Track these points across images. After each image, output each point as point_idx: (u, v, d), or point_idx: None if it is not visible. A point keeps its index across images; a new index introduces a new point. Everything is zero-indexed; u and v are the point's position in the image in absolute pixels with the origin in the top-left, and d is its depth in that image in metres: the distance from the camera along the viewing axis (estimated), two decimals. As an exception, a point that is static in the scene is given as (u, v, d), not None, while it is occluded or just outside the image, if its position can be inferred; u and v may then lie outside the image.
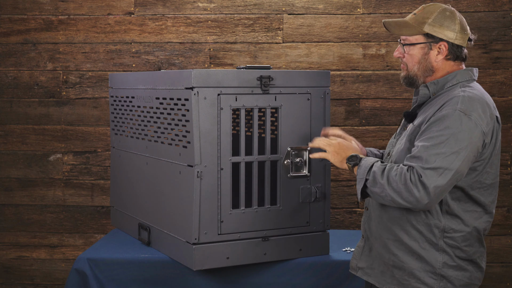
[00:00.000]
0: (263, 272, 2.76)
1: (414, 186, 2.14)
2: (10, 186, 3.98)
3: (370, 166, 2.25)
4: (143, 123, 3.00)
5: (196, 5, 3.84)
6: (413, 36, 2.34)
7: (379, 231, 2.36)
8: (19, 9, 3.92)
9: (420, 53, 2.34)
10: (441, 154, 2.14)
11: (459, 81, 2.31)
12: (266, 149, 2.72)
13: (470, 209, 2.27)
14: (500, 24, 3.73)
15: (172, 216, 2.75)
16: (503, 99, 3.76)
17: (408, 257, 2.28)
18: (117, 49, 3.89)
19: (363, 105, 3.82)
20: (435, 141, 2.16)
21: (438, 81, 2.32)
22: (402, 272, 2.30)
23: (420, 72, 2.35)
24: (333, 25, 3.81)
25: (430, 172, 2.13)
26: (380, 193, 2.21)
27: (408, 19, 2.36)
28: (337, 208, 3.85)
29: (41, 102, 3.94)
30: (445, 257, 2.26)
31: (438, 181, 2.13)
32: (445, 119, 2.18)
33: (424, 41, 2.33)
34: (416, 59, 2.35)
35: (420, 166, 2.15)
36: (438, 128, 2.18)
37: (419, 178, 2.14)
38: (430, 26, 2.31)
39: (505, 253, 3.81)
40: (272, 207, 2.73)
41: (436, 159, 2.14)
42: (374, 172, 2.23)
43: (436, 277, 2.26)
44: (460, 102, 2.20)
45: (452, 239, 2.25)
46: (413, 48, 2.34)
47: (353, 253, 2.50)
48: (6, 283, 4.01)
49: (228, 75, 2.61)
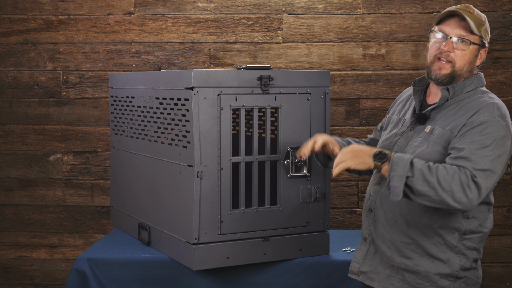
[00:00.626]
0: (263, 272, 2.76)
1: (467, 187, 2.10)
2: (10, 186, 3.98)
3: (409, 162, 2.14)
4: (143, 123, 3.00)
5: (196, 5, 3.84)
6: (473, 36, 2.29)
7: (391, 234, 2.32)
8: (19, 9, 3.92)
9: (473, 54, 2.31)
10: (488, 156, 2.14)
11: (477, 86, 2.32)
12: (266, 149, 2.72)
13: (482, 210, 2.29)
14: (500, 24, 3.73)
15: (172, 216, 2.75)
16: (503, 99, 3.74)
17: (425, 260, 2.27)
18: (117, 49, 3.89)
19: (363, 105, 3.82)
20: (479, 144, 2.15)
21: (457, 85, 2.31)
22: (415, 276, 2.28)
23: (467, 73, 2.32)
24: (333, 25, 3.81)
25: (481, 173, 2.12)
26: (427, 192, 2.11)
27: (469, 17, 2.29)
28: (337, 208, 3.85)
29: (41, 102, 3.94)
30: (463, 259, 2.27)
31: (488, 183, 2.13)
32: (487, 124, 2.18)
33: (479, 43, 2.30)
34: (468, 59, 2.30)
35: (472, 167, 2.12)
36: (481, 132, 2.17)
37: (473, 179, 2.11)
38: (485, 32, 2.31)
39: (505, 253, 3.81)
40: (272, 207, 2.73)
41: (484, 161, 2.13)
42: (420, 170, 2.11)
43: (452, 279, 2.26)
44: (496, 109, 2.22)
45: (471, 240, 2.27)
46: (470, 47, 2.29)
47: (354, 257, 2.45)
48: (6, 283, 4.01)
49: (228, 75, 2.61)
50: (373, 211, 2.39)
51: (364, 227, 2.44)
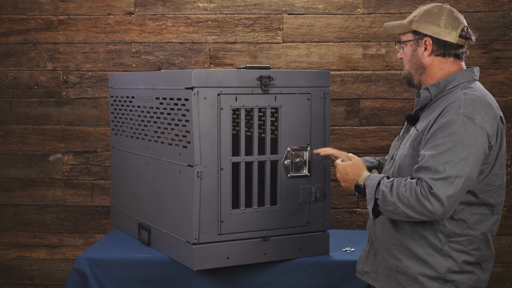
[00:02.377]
0: (263, 272, 2.76)
1: (426, 199, 2.10)
2: (10, 186, 3.98)
3: (377, 184, 2.22)
4: (143, 123, 3.00)
5: (196, 5, 3.84)
6: (404, 35, 2.36)
7: (383, 236, 2.34)
8: (19, 9, 3.92)
9: (410, 51, 2.35)
10: (450, 162, 2.10)
11: (460, 82, 2.28)
12: (266, 149, 2.72)
13: (477, 211, 2.24)
14: (500, 24, 3.73)
15: (172, 216, 2.75)
16: (503, 99, 3.76)
17: (412, 262, 2.26)
18: (117, 49, 3.89)
19: (363, 105, 3.82)
20: (441, 148, 2.12)
21: (439, 83, 2.29)
22: (406, 277, 2.28)
23: (413, 70, 2.35)
24: (333, 25, 3.81)
25: (440, 183, 2.09)
26: (394, 211, 2.17)
27: (405, 20, 2.38)
28: (337, 208, 3.85)
29: (41, 102, 3.94)
30: (450, 262, 2.23)
31: (450, 190, 2.09)
32: (449, 125, 2.14)
33: (412, 38, 2.33)
34: (408, 57, 2.36)
35: (430, 177, 2.10)
36: (443, 135, 2.13)
37: (430, 191, 2.10)
38: (417, 23, 2.31)
39: (505, 253, 3.81)
40: (272, 207, 2.73)
41: (445, 167, 2.10)
42: (382, 192, 2.19)
43: (441, 282, 2.24)
44: (463, 106, 2.16)
45: (458, 243, 2.23)
46: (405, 46, 2.36)
47: (359, 257, 2.49)
48: (6, 283, 4.01)
49: (228, 75, 2.61)
50: None
51: (367, 228, 2.48)
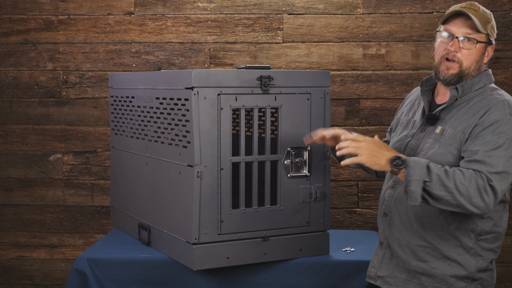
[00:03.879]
0: (263, 272, 2.76)
1: (484, 191, 2.09)
2: (10, 186, 3.98)
3: (426, 167, 2.13)
4: (143, 123, 3.00)
5: (196, 5, 3.84)
6: (480, 34, 2.28)
7: (406, 238, 2.32)
8: (19, 9, 3.92)
9: (480, 52, 2.29)
10: (502, 158, 2.12)
11: (486, 83, 2.31)
12: (266, 149, 2.72)
13: (497, 209, 2.27)
14: (500, 24, 3.73)
15: (172, 216, 2.75)
16: (503, 99, 3.76)
17: (441, 263, 2.26)
18: (117, 49, 3.89)
19: (363, 105, 3.82)
20: (492, 145, 2.14)
21: (466, 83, 2.29)
22: (432, 279, 2.27)
23: (475, 71, 2.30)
24: (333, 25, 3.81)
25: (496, 177, 2.11)
26: (445, 197, 2.10)
27: (474, 15, 2.27)
28: (337, 208, 3.85)
29: (41, 102, 3.94)
30: (480, 261, 2.26)
31: (503, 185, 2.12)
32: (499, 124, 2.16)
33: (486, 41, 2.29)
34: (475, 58, 2.28)
35: (487, 170, 2.11)
36: (493, 133, 2.15)
37: (489, 183, 2.10)
38: (491, 29, 2.29)
39: (505, 253, 3.81)
40: (272, 207, 2.73)
41: (498, 163, 2.11)
42: (437, 175, 2.11)
43: (468, 281, 2.25)
44: (507, 106, 2.20)
45: (486, 241, 2.25)
46: (476, 46, 2.27)
47: (371, 262, 2.46)
48: (6, 283, 4.01)
49: (228, 75, 2.61)
50: (388, 215, 2.39)
51: (380, 231, 2.44)
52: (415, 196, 2.12)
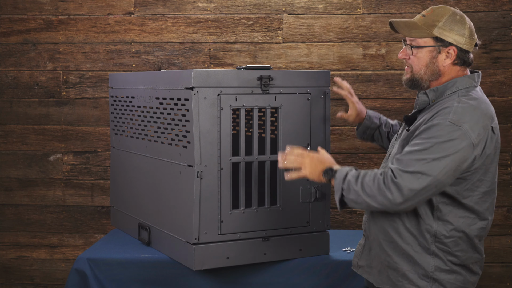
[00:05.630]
0: (263, 272, 2.76)
1: (387, 188, 2.15)
2: (10, 186, 3.98)
3: (344, 176, 2.25)
4: (143, 123, 3.00)
5: (196, 5, 3.85)
6: (422, 39, 2.28)
7: (376, 232, 2.36)
8: (19, 9, 3.92)
9: (428, 56, 2.28)
10: (422, 160, 2.12)
11: (458, 88, 2.27)
12: (266, 149, 2.72)
13: (463, 215, 2.24)
14: (500, 24, 3.73)
15: (172, 216, 2.76)
16: (503, 99, 3.76)
17: (401, 259, 2.28)
18: (117, 49, 3.89)
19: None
20: (419, 147, 2.14)
21: (438, 88, 2.29)
22: (396, 273, 2.30)
23: (427, 75, 2.30)
24: (333, 25, 3.81)
25: (407, 176, 2.13)
26: (356, 200, 2.22)
27: (416, 20, 2.30)
28: (337, 208, 3.85)
29: (41, 102, 3.94)
30: (438, 261, 2.25)
31: (414, 184, 2.12)
32: (434, 128, 2.15)
33: (433, 44, 2.27)
34: (424, 62, 2.29)
35: (398, 168, 2.14)
36: (426, 136, 2.15)
37: (393, 179, 2.14)
38: (441, 30, 2.25)
39: (505, 253, 3.81)
40: (272, 207, 2.73)
41: (414, 164, 2.13)
42: (348, 181, 2.23)
43: (429, 280, 2.25)
44: (453, 112, 2.16)
45: (444, 244, 2.24)
46: (421, 50, 2.28)
47: (355, 251, 2.51)
48: (6, 283, 4.01)
49: (228, 75, 2.61)
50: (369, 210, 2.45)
51: (363, 223, 2.49)
52: (337, 203, 2.30)
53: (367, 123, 2.74)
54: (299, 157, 2.37)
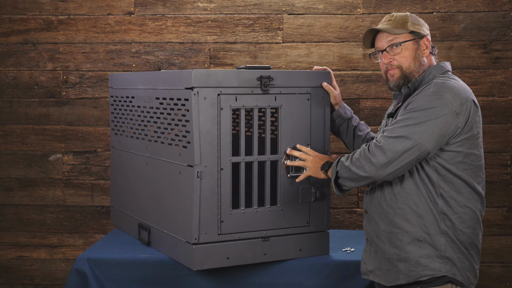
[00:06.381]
0: (263, 272, 2.76)
1: (372, 154, 2.28)
2: (10, 186, 3.98)
3: (338, 160, 2.42)
4: (143, 123, 3.00)
5: (196, 5, 3.85)
6: (402, 35, 2.42)
7: (382, 227, 2.40)
8: (19, 9, 3.92)
9: (413, 49, 2.41)
10: (405, 126, 2.25)
11: (435, 75, 2.39)
12: (266, 149, 2.72)
13: (463, 190, 2.32)
14: (500, 24, 3.73)
15: (172, 216, 2.76)
16: (503, 99, 3.76)
17: (412, 247, 2.33)
18: (117, 49, 3.89)
19: (363, 105, 3.82)
20: (403, 117, 2.29)
21: (417, 80, 2.41)
22: (407, 264, 2.33)
23: (416, 67, 2.42)
24: (333, 25, 3.81)
25: (391, 140, 2.26)
26: (349, 176, 2.35)
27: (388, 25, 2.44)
28: (337, 208, 3.85)
29: (41, 102, 3.94)
30: (448, 238, 2.31)
31: (397, 146, 2.24)
32: (416, 101, 2.29)
33: (412, 38, 2.41)
34: (412, 55, 2.41)
35: (383, 136, 2.28)
36: (409, 109, 2.29)
37: (377, 145, 2.27)
38: (412, 24, 2.41)
39: (505, 253, 3.81)
40: (272, 207, 2.73)
41: (399, 129, 2.26)
42: (341, 162, 2.39)
43: (442, 260, 2.31)
44: (433, 86, 2.30)
45: (451, 221, 2.31)
46: (406, 45, 2.40)
47: (362, 258, 2.55)
48: (6, 283, 4.01)
49: (228, 75, 2.61)
50: (368, 212, 2.50)
51: (364, 228, 2.54)
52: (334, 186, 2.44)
53: (340, 111, 2.80)
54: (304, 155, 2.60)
